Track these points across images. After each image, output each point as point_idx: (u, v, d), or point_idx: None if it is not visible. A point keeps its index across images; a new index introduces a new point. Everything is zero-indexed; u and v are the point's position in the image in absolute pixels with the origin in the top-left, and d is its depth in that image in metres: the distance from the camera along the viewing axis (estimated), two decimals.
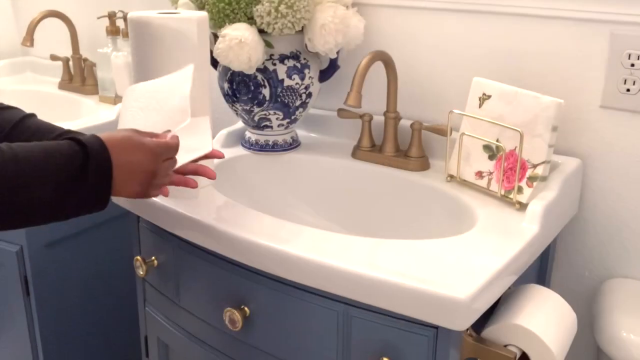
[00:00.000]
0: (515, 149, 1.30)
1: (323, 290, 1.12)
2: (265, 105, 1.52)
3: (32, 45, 2.06)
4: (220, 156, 1.22)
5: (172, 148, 1.07)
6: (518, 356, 1.09)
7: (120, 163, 0.99)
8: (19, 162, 0.92)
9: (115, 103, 2.05)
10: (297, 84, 1.51)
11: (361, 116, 1.56)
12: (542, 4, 1.37)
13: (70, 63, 2.25)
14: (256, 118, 1.55)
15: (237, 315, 1.24)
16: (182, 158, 1.11)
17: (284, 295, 1.19)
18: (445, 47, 1.52)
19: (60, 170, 0.95)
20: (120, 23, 2.07)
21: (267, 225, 1.24)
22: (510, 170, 1.31)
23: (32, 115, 1.21)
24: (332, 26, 1.45)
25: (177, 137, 1.08)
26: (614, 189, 1.38)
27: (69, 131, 1.17)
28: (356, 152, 1.56)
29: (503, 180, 1.32)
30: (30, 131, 1.17)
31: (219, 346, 1.34)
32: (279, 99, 1.51)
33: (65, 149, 0.96)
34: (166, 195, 1.11)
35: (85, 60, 2.23)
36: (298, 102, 1.54)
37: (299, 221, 1.27)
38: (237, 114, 1.58)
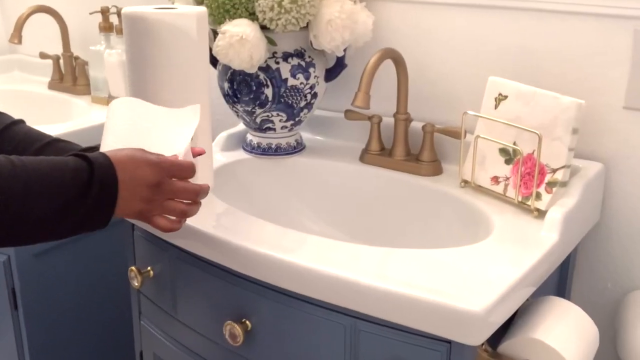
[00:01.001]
0: (533, 153, 1.31)
1: (329, 302, 1.12)
2: (267, 106, 1.53)
3: (20, 42, 2.07)
4: (200, 152, 1.20)
5: (183, 167, 1.08)
6: None
7: (124, 179, 1.01)
8: (29, 173, 0.95)
9: (108, 104, 2.04)
10: (301, 83, 1.52)
11: (370, 118, 1.56)
12: None
13: (61, 61, 2.27)
14: (258, 120, 1.56)
15: (238, 329, 1.24)
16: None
17: (288, 308, 1.19)
18: (460, 45, 1.53)
19: (68, 186, 0.97)
20: (113, 19, 2.08)
21: (269, 234, 1.25)
22: (528, 175, 1.31)
23: (21, 122, 1.23)
24: (339, 22, 1.45)
25: (190, 161, 1.09)
26: (639, 194, 1.38)
27: (58, 139, 1.18)
28: (364, 156, 1.57)
29: (520, 185, 1.32)
30: (18, 138, 1.18)
31: None
32: (283, 100, 1.52)
33: (71, 164, 0.99)
34: (176, 229, 1.10)
35: (77, 58, 2.24)
36: (303, 103, 1.55)
37: (303, 229, 1.28)
38: (237, 115, 1.59)
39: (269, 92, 1.51)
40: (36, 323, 1.82)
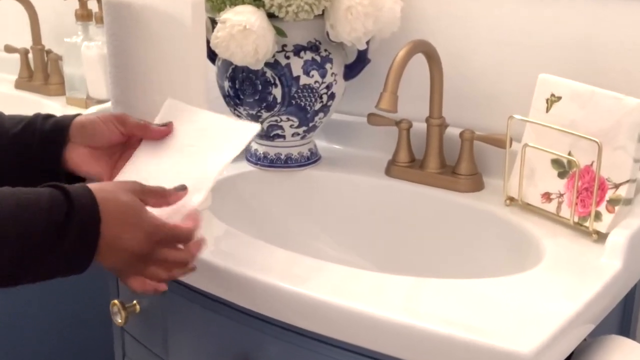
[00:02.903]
0: (592, 165, 1.31)
1: (349, 342, 1.12)
2: (276, 110, 1.54)
3: None
4: (166, 132, 1.21)
5: (181, 235, 1.09)
6: None
7: (107, 234, 1.00)
8: None
9: (87, 106, 2.04)
10: (316, 82, 1.54)
11: (397, 123, 1.57)
12: None
13: (30, 56, 2.28)
14: (265, 125, 1.57)
15: None
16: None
17: (300, 348, 1.20)
18: (504, 36, 1.54)
19: (33, 225, 0.95)
20: (92, 5, 2.08)
21: (278, 260, 1.26)
22: (586, 192, 1.32)
23: None
24: (360, 9, 1.46)
25: (191, 224, 1.10)
26: None
27: (33, 120, 1.20)
28: (391, 169, 1.58)
29: (577, 204, 1.33)
30: None
31: None
32: (294, 102, 1.53)
33: (44, 199, 0.97)
34: (149, 292, 1.12)
35: (49, 52, 2.25)
36: (317, 106, 1.56)
37: (318, 255, 1.29)
38: (240, 120, 1.60)
39: (277, 92, 1.52)
40: None
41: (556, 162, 1.37)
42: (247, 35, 1.43)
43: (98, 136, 1.19)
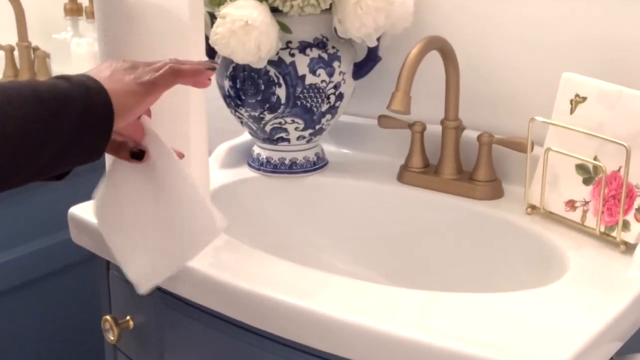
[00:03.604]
0: (619, 170, 1.31)
1: None
2: (280, 111, 1.54)
3: None
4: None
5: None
6: None
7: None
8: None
9: None
10: (323, 81, 1.54)
11: (410, 125, 1.57)
12: None
13: (16, 53, 2.28)
14: (268, 128, 1.57)
15: None
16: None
17: None
18: (525, 33, 1.54)
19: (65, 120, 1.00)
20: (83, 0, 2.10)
21: (282, 273, 1.26)
22: (613, 199, 1.32)
23: None
24: (370, 3, 1.46)
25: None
26: None
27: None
28: (403, 175, 1.58)
29: (603, 212, 1.33)
30: None
31: None
32: (299, 102, 1.54)
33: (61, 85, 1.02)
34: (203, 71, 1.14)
35: (36, 49, 2.26)
36: (324, 107, 1.56)
37: (325, 268, 1.29)
38: (242, 122, 1.61)
39: (281, 92, 1.53)
40: None
41: (581, 168, 1.37)
42: (248, 31, 1.43)
43: None
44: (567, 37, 1.49)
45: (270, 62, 1.51)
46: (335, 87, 1.55)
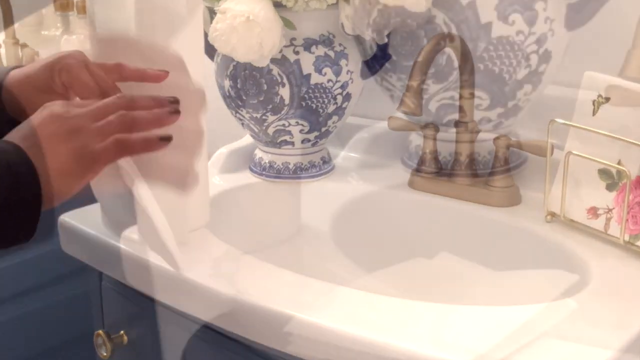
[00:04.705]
0: None
1: None
2: (283, 112, 1.55)
3: None
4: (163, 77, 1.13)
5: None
6: None
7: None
8: None
9: None
10: (329, 81, 1.54)
11: (422, 127, 1.58)
12: None
13: (2, 51, 2.29)
14: (271, 130, 1.58)
15: None
16: None
17: None
18: None
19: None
20: None
21: (286, 285, 1.27)
22: (638, 206, 1.32)
23: None
24: None
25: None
26: None
27: None
28: (415, 180, 1.58)
29: (628, 220, 1.33)
30: None
31: None
32: (304, 103, 1.54)
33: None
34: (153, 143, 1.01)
35: (24, 46, 2.27)
36: (331, 108, 1.57)
37: (332, 279, 1.29)
38: (243, 124, 1.61)
39: (285, 92, 1.53)
40: None
41: (604, 173, 1.37)
42: (250, 27, 1.43)
43: None
44: (588, 32, 1.49)
45: (273, 61, 1.52)
46: (343, 86, 1.56)
